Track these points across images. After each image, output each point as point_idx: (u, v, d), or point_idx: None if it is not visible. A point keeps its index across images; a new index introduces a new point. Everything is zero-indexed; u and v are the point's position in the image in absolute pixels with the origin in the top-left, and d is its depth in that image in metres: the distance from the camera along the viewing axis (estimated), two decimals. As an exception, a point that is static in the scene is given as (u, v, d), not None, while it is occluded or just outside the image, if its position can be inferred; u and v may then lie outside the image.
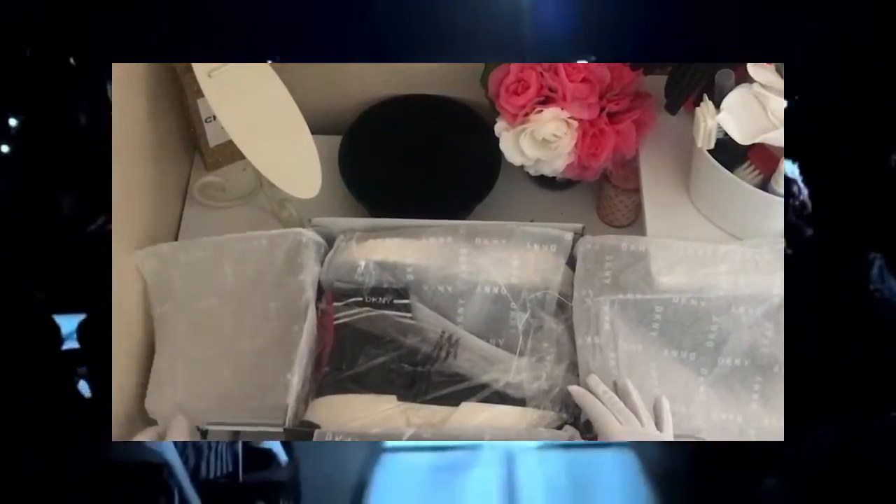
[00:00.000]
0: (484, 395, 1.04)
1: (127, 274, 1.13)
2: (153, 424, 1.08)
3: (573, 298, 1.11)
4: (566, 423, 1.02)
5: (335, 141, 1.33)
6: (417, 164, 1.33)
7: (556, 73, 1.13)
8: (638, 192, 1.19)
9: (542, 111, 1.13)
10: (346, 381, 1.06)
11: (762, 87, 1.00)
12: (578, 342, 1.08)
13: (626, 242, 1.11)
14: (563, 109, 1.13)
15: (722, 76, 1.03)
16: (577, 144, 1.15)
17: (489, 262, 1.13)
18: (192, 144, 1.38)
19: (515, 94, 1.14)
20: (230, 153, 1.36)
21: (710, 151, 1.04)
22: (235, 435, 1.26)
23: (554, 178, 1.24)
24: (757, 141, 0.99)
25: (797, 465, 0.93)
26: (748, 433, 1.07)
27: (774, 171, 1.03)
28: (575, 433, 0.99)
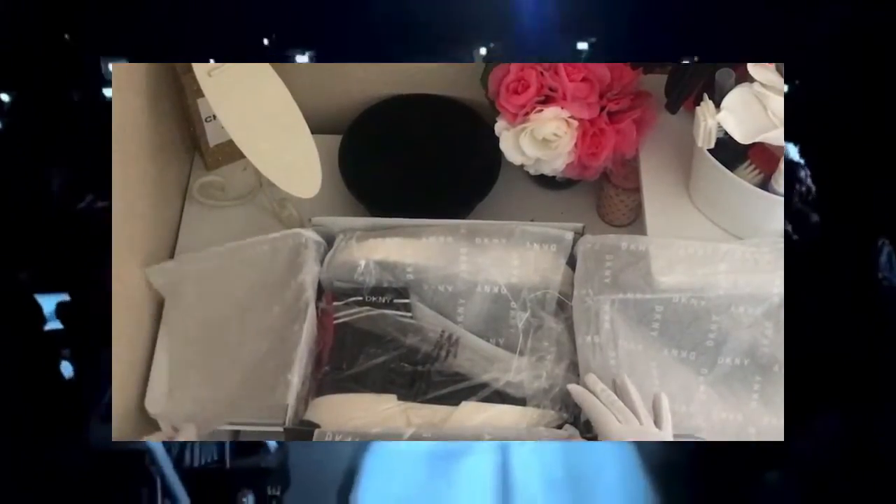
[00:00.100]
0: (484, 394, 1.04)
1: (127, 274, 1.13)
2: (153, 424, 1.09)
3: (573, 298, 1.11)
4: (566, 422, 1.02)
5: (335, 141, 1.32)
6: (417, 163, 1.33)
7: (556, 72, 1.13)
8: (638, 191, 1.19)
9: (542, 110, 1.13)
10: (346, 380, 1.06)
11: (762, 86, 1.00)
12: (578, 341, 1.08)
13: (626, 242, 1.11)
14: (563, 109, 1.13)
15: (722, 75, 1.03)
16: (577, 144, 1.15)
17: (489, 261, 1.13)
18: (192, 144, 1.38)
19: (515, 93, 1.14)
20: (230, 153, 1.36)
21: (710, 151, 1.04)
22: (236, 434, 1.26)
23: (554, 177, 1.24)
24: (757, 140, 0.99)
25: (798, 459, 0.92)
26: (748, 432, 1.06)
27: (774, 170, 1.03)
28: (575, 432, 0.99)
